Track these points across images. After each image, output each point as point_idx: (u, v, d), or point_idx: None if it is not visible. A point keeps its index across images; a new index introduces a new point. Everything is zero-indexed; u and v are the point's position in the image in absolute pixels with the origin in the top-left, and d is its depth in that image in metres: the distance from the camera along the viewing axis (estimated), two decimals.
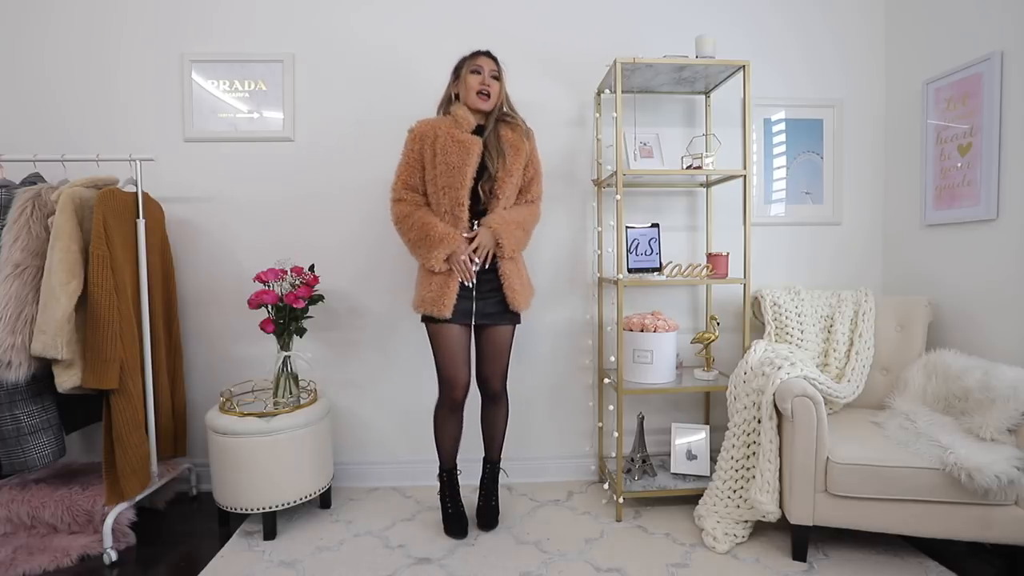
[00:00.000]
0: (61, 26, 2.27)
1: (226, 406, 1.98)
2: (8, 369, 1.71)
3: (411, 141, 1.89)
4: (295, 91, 2.32)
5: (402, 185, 1.88)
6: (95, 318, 1.79)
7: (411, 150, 1.88)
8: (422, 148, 1.86)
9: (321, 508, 2.15)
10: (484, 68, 1.86)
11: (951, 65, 2.13)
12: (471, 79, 1.85)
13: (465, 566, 1.75)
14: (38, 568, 1.72)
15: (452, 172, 1.79)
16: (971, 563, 1.74)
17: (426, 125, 1.88)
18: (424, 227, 1.80)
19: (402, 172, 1.89)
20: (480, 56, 1.88)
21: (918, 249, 2.33)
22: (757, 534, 1.90)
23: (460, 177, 1.79)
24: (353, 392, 2.39)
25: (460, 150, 1.80)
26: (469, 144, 1.81)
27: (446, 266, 1.81)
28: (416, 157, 1.87)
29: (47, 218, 1.83)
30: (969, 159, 2.06)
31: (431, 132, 1.85)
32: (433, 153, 1.83)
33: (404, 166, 1.89)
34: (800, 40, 2.46)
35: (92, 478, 2.04)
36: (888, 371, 2.15)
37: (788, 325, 2.18)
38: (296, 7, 2.32)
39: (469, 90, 1.86)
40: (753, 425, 1.89)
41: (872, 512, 1.67)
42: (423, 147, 1.85)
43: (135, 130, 2.29)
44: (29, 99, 2.27)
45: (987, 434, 1.67)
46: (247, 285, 2.09)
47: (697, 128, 2.41)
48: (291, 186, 2.34)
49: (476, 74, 1.86)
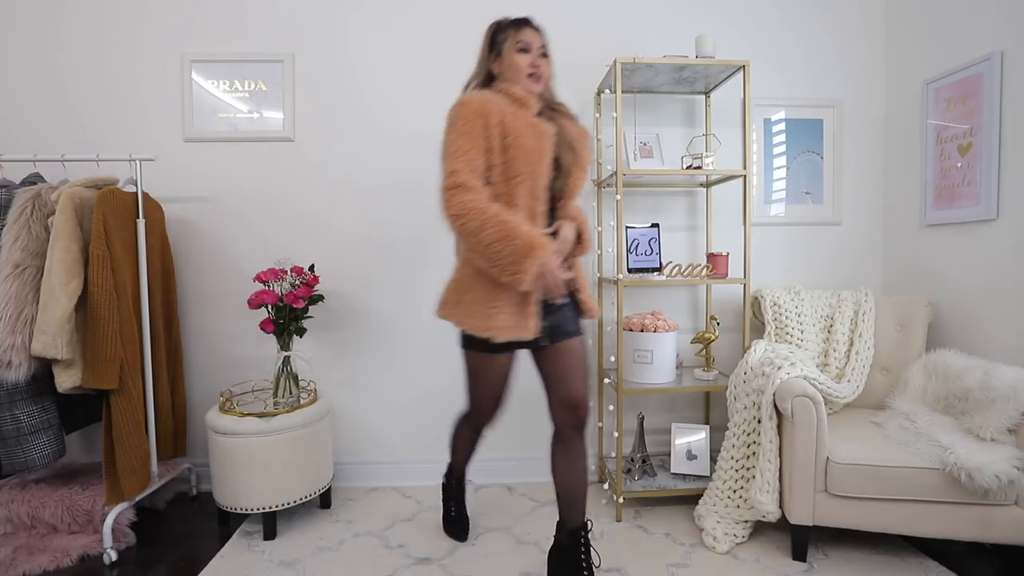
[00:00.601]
0: (61, 26, 2.26)
1: (226, 406, 1.98)
2: (8, 369, 1.71)
3: (470, 115, 1.41)
4: (295, 91, 2.32)
5: (467, 168, 1.37)
6: (95, 318, 1.79)
7: (472, 125, 1.40)
8: (486, 126, 1.41)
9: (321, 508, 2.15)
10: (532, 45, 1.52)
11: (951, 65, 2.13)
12: (519, 59, 1.50)
13: (465, 566, 1.75)
14: (38, 568, 1.71)
15: (531, 157, 1.43)
16: (971, 563, 1.74)
17: (486, 99, 1.44)
18: (505, 227, 1.32)
19: (463, 150, 1.38)
20: (525, 29, 1.53)
21: (918, 249, 2.33)
22: (757, 534, 1.90)
23: (541, 164, 1.45)
24: (353, 392, 2.39)
25: (535, 133, 1.45)
26: (543, 129, 1.47)
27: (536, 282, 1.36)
28: (480, 134, 1.40)
29: (47, 218, 1.83)
30: (969, 159, 2.06)
31: (495, 109, 1.43)
32: (502, 134, 1.42)
33: (466, 143, 1.39)
34: (800, 40, 2.46)
35: (92, 478, 2.04)
36: (888, 371, 2.15)
37: (788, 325, 2.18)
38: (296, 7, 2.32)
39: (518, 71, 1.51)
40: (753, 425, 1.89)
41: (872, 512, 1.67)
42: (488, 125, 1.41)
43: (135, 130, 2.29)
44: (29, 99, 2.27)
45: (987, 434, 1.67)
46: (247, 285, 2.09)
47: (697, 128, 2.41)
48: (291, 186, 2.34)
49: (524, 53, 1.51)
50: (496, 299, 1.42)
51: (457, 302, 1.50)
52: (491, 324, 1.41)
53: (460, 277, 1.52)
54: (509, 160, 1.42)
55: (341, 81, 2.34)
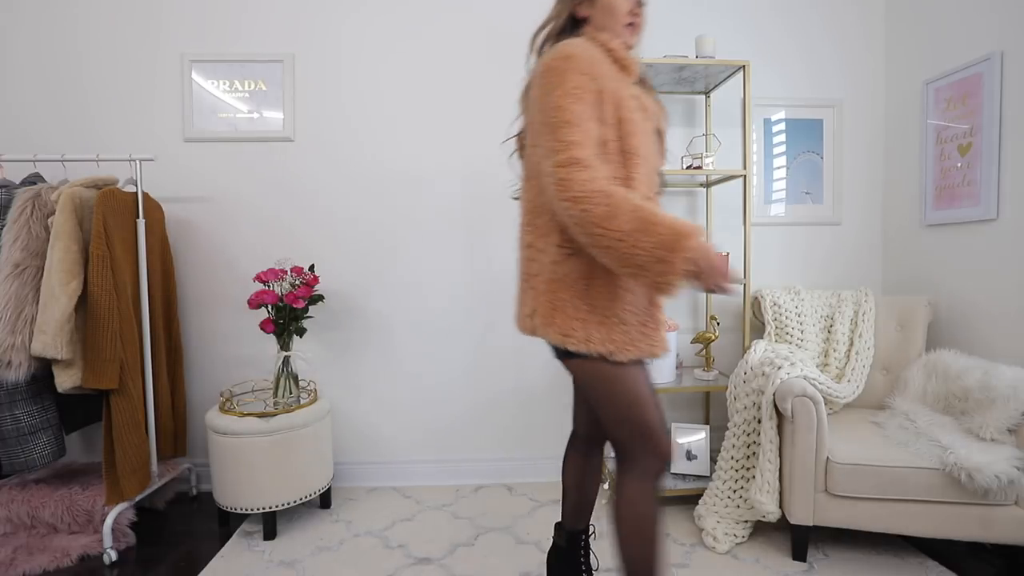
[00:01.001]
0: (61, 26, 2.26)
1: (226, 406, 1.98)
2: (8, 369, 1.71)
3: (582, 74, 1.06)
4: (295, 91, 2.32)
5: (587, 140, 1.04)
6: (95, 318, 1.79)
7: (584, 89, 1.05)
8: (599, 91, 1.07)
9: (321, 508, 2.15)
10: None
11: (951, 65, 2.13)
12: (620, 1, 1.16)
13: (465, 566, 1.75)
14: (38, 568, 1.71)
15: (646, 137, 1.16)
16: (971, 563, 1.74)
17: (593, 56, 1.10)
18: (640, 212, 0.99)
19: (580, 119, 1.04)
20: None
21: (918, 249, 2.33)
22: (757, 534, 1.90)
23: (652, 146, 1.19)
24: (353, 392, 2.39)
25: (639, 107, 1.17)
26: (647, 104, 1.22)
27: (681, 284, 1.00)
28: (593, 100, 1.07)
29: (47, 218, 1.83)
30: (969, 159, 2.06)
31: (604, 71, 1.10)
32: (614, 103, 1.09)
33: (580, 109, 1.04)
34: (800, 40, 2.46)
35: (92, 478, 2.04)
36: (888, 371, 2.15)
37: (788, 325, 2.18)
38: (296, 7, 2.31)
39: (615, 17, 1.16)
40: (753, 425, 1.89)
41: (872, 512, 1.67)
42: (601, 89, 1.08)
43: (135, 130, 2.29)
44: (29, 99, 2.27)
45: (987, 434, 1.67)
46: (247, 285, 2.09)
47: (697, 128, 2.41)
48: (291, 186, 2.34)
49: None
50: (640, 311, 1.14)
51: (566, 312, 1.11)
52: (645, 343, 1.13)
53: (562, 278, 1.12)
54: (624, 136, 1.10)
55: (341, 81, 2.34)
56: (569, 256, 1.12)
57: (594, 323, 1.10)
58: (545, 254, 1.15)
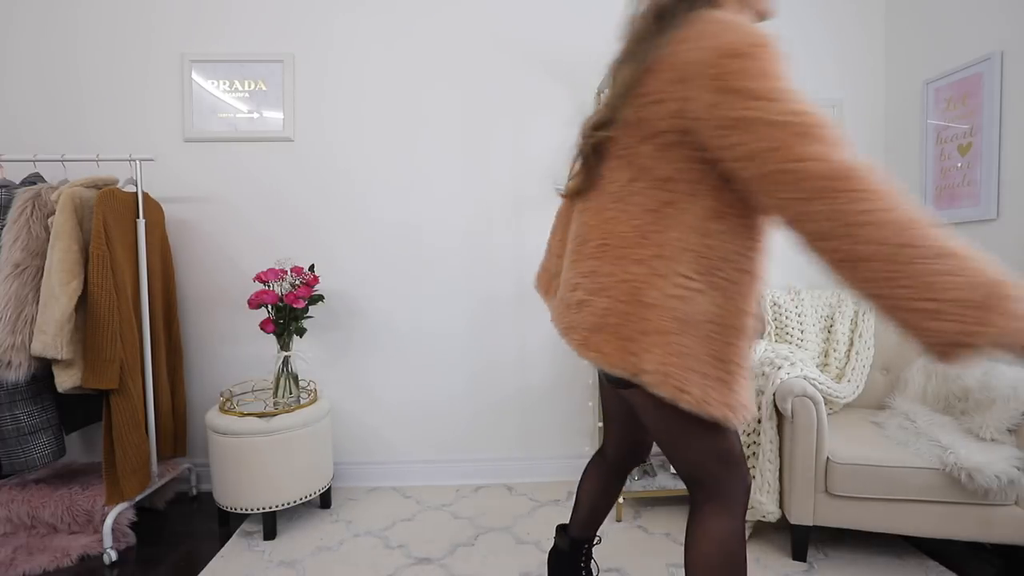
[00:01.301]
0: (61, 27, 2.26)
1: (226, 406, 1.98)
2: (8, 369, 1.71)
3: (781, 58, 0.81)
4: (295, 91, 2.32)
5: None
6: (95, 318, 1.79)
7: (787, 77, 0.81)
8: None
9: (321, 508, 2.15)
10: None
11: (951, 65, 2.13)
12: None
13: (465, 566, 1.75)
14: (38, 568, 1.71)
15: None
16: (971, 563, 1.74)
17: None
18: (936, 234, 0.72)
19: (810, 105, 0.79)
20: None
21: None
22: (757, 534, 1.90)
23: None
24: (353, 392, 2.39)
25: None
26: None
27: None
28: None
29: (47, 218, 1.83)
30: (969, 159, 2.06)
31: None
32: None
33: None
34: (799, 40, 2.45)
35: (92, 478, 2.04)
36: (888, 371, 2.15)
37: (788, 325, 2.18)
38: (296, 7, 2.31)
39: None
40: (753, 425, 1.89)
41: (872, 512, 1.67)
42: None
43: (135, 130, 2.29)
44: (29, 99, 2.27)
45: (987, 434, 1.67)
46: (247, 285, 2.09)
47: None
48: (291, 186, 2.34)
49: None
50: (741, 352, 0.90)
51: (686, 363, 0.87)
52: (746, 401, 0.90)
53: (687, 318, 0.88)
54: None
55: (341, 81, 2.33)
56: (698, 293, 0.89)
57: (713, 379, 0.88)
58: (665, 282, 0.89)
